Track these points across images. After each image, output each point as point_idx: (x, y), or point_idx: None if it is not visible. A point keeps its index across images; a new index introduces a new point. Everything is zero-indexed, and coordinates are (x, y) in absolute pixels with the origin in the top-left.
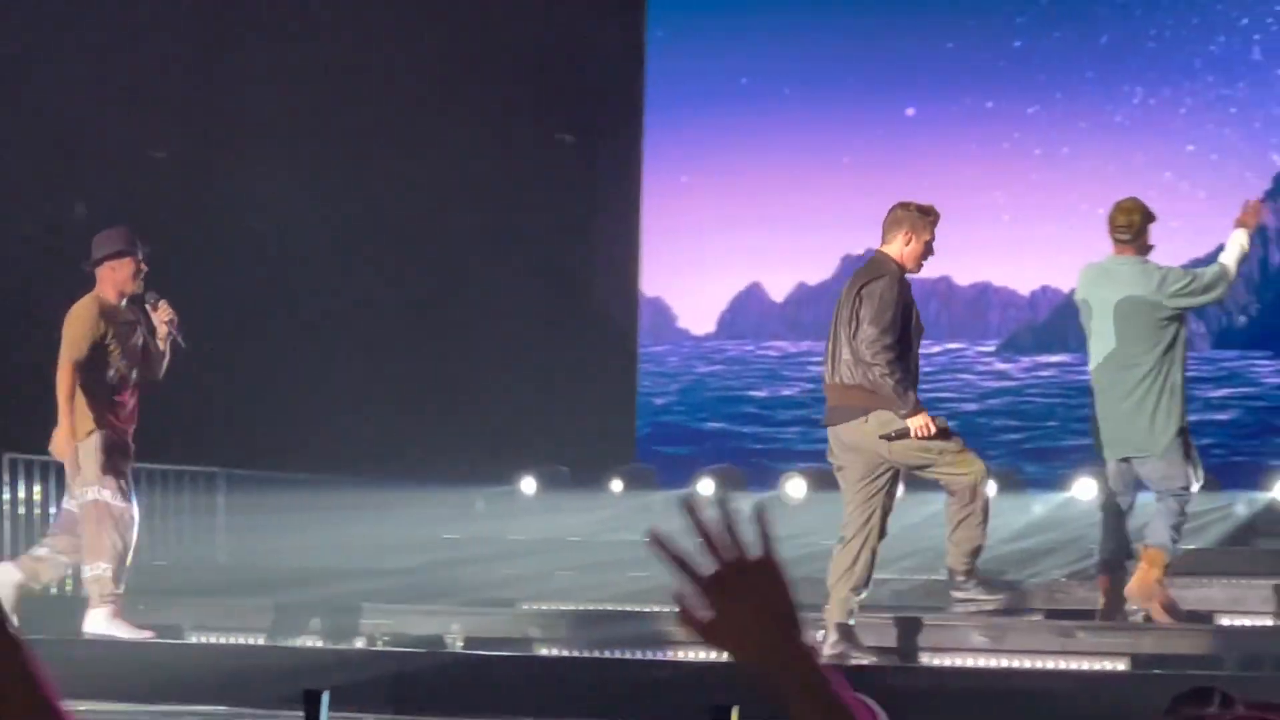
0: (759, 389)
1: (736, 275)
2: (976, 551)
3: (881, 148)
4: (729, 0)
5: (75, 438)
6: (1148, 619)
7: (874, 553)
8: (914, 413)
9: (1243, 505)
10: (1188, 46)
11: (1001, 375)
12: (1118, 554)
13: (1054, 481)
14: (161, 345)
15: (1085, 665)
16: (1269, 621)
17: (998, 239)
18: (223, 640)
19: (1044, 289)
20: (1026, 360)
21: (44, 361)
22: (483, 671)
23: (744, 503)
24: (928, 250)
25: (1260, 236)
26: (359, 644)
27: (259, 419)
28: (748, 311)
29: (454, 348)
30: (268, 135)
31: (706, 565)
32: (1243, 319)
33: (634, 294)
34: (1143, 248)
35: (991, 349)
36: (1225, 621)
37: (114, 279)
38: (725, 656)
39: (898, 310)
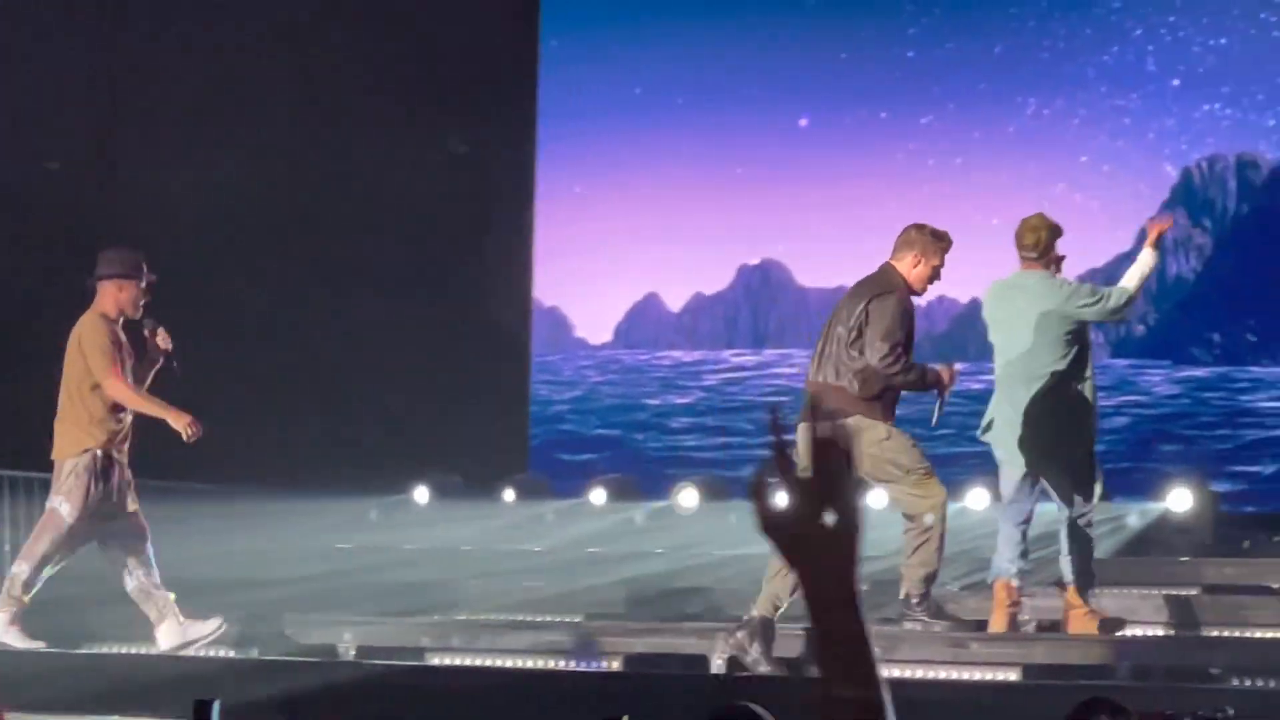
0: (655, 398)
1: (634, 285)
2: (932, 577)
3: (775, 158)
4: (622, 11)
5: (183, 417)
6: (1041, 628)
7: None
8: (935, 379)
9: (1135, 515)
10: (1081, 57)
11: None
12: (1014, 564)
13: (949, 491)
14: (148, 371)
15: (977, 675)
16: (1161, 631)
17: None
18: (113, 650)
19: (940, 299)
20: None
21: None
22: (375, 681)
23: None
24: (935, 275)
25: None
26: (252, 653)
27: (148, 428)
28: (645, 321)
29: (346, 356)
30: (152, 140)
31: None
32: (1140, 328)
33: (527, 303)
34: (1050, 262)
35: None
36: (1118, 631)
37: (118, 299)
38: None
39: (908, 328)
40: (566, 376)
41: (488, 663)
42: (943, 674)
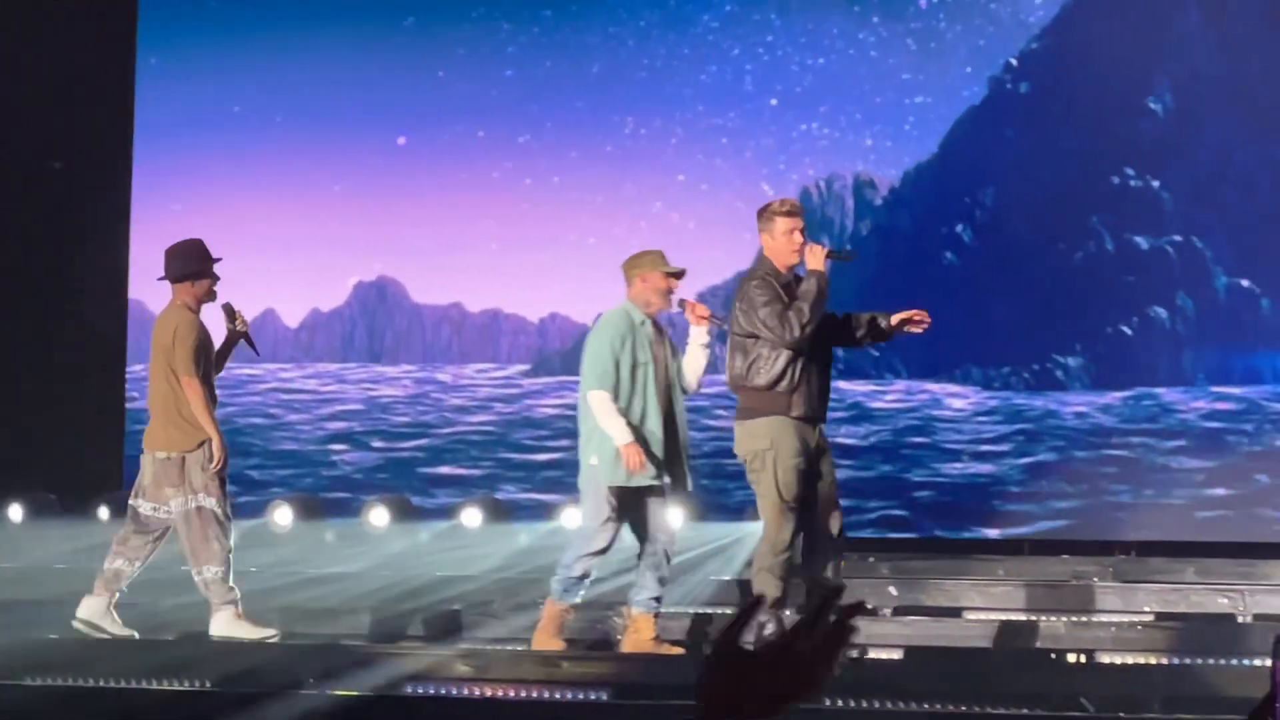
0: (264, 415)
1: (250, 301)
2: (778, 601)
3: (373, 176)
4: (220, 30)
5: (222, 449)
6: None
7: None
8: (823, 283)
9: (732, 536)
10: (679, 76)
11: (515, 399)
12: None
13: (541, 510)
14: (229, 351)
15: (568, 695)
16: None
17: (503, 266)
18: None
19: (553, 316)
20: (540, 382)
21: None
22: None
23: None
24: (791, 243)
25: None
26: None
27: None
28: (261, 337)
29: None
30: None
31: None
32: None
33: (123, 319)
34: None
35: (511, 373)
36: (710, 650)
37: (196, 294)
38: None
39: (776, 294)
40: None
41: (79, 683)
42: (535, 694)
